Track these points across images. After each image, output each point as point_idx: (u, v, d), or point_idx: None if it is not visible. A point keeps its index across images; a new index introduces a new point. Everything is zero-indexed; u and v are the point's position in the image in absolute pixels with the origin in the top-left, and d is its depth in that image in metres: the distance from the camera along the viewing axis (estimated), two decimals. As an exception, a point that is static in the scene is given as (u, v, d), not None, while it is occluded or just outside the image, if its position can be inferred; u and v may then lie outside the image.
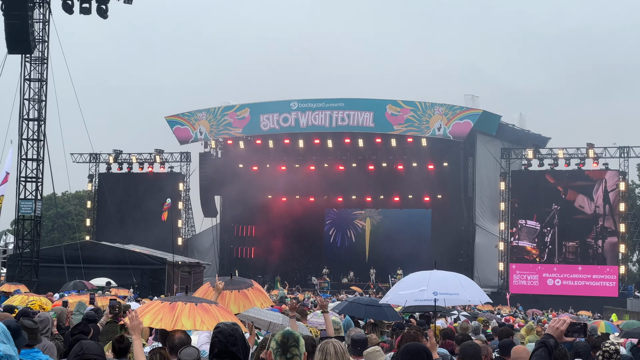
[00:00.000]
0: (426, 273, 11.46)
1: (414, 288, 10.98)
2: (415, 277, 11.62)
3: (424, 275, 11.36)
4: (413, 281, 11.39)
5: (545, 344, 5.57)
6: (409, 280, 11.65)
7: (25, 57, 38.31)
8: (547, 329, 5.69)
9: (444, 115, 57.09)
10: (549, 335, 5.62)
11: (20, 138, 38.15)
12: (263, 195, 63.90)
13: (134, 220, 60.31)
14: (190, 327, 8.70)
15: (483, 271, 57.82)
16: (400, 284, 11.61)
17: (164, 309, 8.87)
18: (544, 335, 5.69)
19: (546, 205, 57.06)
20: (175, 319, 8.67)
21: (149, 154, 65.99)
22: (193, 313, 8.78)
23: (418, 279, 11.36)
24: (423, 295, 10.90)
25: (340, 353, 6.92)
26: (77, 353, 5.71)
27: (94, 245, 45.57)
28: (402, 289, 11.31)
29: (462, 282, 11.10)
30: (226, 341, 6.85)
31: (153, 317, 8.79)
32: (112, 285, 33.81)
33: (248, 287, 12.40)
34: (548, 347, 5.56)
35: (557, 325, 5.62)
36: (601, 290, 53.05)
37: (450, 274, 11.60)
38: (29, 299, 20.17)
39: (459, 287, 10.82)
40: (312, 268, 62.63)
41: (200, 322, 8.69)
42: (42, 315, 12.35)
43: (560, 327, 5.61)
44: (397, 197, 63.84)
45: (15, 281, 32.60)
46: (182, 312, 8.78)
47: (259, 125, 62.32)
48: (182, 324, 8.64)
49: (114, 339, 9.96)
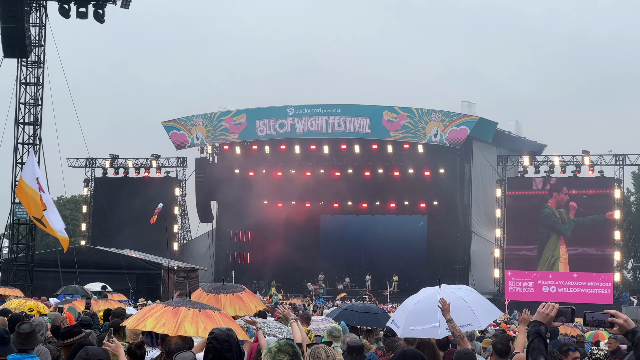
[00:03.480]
0: (433, 300, 10.36)
1: (426, 324, 10.31)
2: (424, 307, 10.68)
3: (433, 304, 10.27)
4: (423, 313, 10.57)
5: (539, 333, 5.43)
6: (419, 309, 10.81)
7: (22, 61, 38.30)
8: (535, 316, 5.52)
9: (441, 121, 57.14)
10: (539, 323, 5.49)
11: (16, 142, 38.12)
12: (259, 201, 63.87)
13: (130, 225, 60.18)
14: (193, 333, 8.66)
15: (479, 278, 57.81)
16: (410, 316, 10.77)
17: (167, 313, 8.82)
18: (533, 322, 5.52)
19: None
20: (179, 324, 8.61)
21: (146, 158, 65.99)
22: (196, 319, 8.73)
23: (428, 310, 10.48)
24: (436, 332, 10.21)
25: (331, 357, 6.91)
26: (82, 357, 5.68)
27: (89, 250, 45.53)
28: (413, 323, 10.58)
29: (472, 307, 10.41)
30: (221, 347, 6.83)
31: (156, 321, 8.73)
32: (107, 290, 33.78)
33: (241, 291, 12.52)
34: (542, 337, 5.43)
35: (547, 312, 5.48)
36: (596, 298, 52.99)
37: (457, 297, 10.65)
38: (26, 303, 20.11)
39: (470, 316, 10.23)
40: (308, 274, 62.57)
41: (204, 329, 8.64)
42: (36, 320, 12.34)
43: (550, 313, 5.46)
44: (393, 203, 63.86)
45: (9, 285, 32.56)
46: (186, 317, 8.72)
47: (255, 131, 62.36)
48: (184, 330, 8.59)
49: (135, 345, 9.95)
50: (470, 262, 58.82)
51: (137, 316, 9.37)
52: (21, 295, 26.63)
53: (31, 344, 9.32)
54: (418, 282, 38.32)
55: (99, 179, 66.03)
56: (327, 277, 63.27)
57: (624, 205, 60.43)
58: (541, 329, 5.47)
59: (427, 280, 52.40)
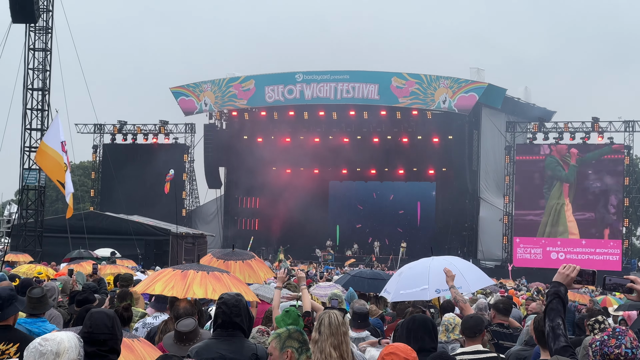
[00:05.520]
0: (425, 266, 11.00)
1: (415, 287, 10.61)
2: (415, 272, 11.13)
3: (423, 269, 10.87)
4: (413, 277, 10.90)
5: (558, 294, 5.34)
6: (409, 275, 11.18)
7: (30, 27, 38.15)
8: (556, 276, 5.41)
9: (449, 88, 56.97)
10: (559, 284, 5.38)
11: (25, 108, 38.07)
12: (267, 167, 63.83)
13: (138, 191, 60.27)
14: (201, 295, 8.71)
15: (487, 244, 57.93)
16: (401, 281, 11.15)
17: (176, 276, 8.87)
18: (552, 283, 5.41)
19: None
20: (187, 286, 8.66)
21: (154, 125, 65.96)
22: (205, 281, 8.78)
23: (418, 274, 10.92)
24: (425, 294, 10.52)
25: (334, 325, 6.90)
26: (87, 329, 5.61)
27: (98, 216, 45.57)
28: (403, 287, 10.92)
29: (461, 272, 10.74)
30: (230, 312, 6.87)
31: (165, 284, 8.78)
32: (116, 256, 33.87)
33: (251, 258, 12.59)
34: (561, 298, 5.34)
35: (567, 272, 5.38)
36: (604, 264, 53.02)
37: (448, 263, 10.77)
38: (35, 268, 20.19)
39: (460, 280, 10.56)
40: (316, 240, 62.65)
41: (212, 291, 8.70)
42: (48, 285, 12.42)
43: (571, 274, 5.37)
44: (401, 169, 63.79)
45: (19, 251, 32.67)
46: (194, 280, 8.77)
47: (263, 97, 62.29)
48: (193, 292, 8.64)
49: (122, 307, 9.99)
50: (479, 228, 58.85)
51: (146, 281, 9.43)
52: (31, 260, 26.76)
53: (42, 308, 9.37)
54: (426, 248, 38.35)
55: (108, 145, 66.05)
56: (334, 244, 63.39)
57: (633, 171, 60.30)
58: (561, 290, 5.37)
59: (435, 246, 52.58)
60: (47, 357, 4.78)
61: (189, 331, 7.77)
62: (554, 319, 5.32)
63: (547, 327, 5.33)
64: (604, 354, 4.80)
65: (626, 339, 4.82)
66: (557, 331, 5.27)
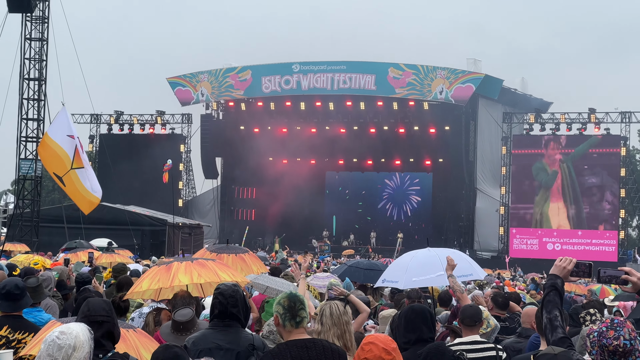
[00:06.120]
0: (431, 255, 10.93)
1: (430, 273, 10.51)
2: (423, 261, 10.99)
3: (431, 257, 10.79)
4: (424, 265, 10.78)
5: (555, 286, 5.38)
6: (418, 263, 11.09)
7: (26, 16, 38.11)
8: (552, 269, 5.46)
9: (446, 78, 56.98)
10: (556, 276, 5.43)
11: (21, 98, 38.05)
12: (264, 158, 63.81)
13: (135, 181, 60.21)
14: (187, 281, 8.78)
15: (483, 235, 57.96)
16: (411, 269, 11.02)
17: (161, 271, 9.01)
18: (549, 276, 5.47)
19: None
20: (172, 276, 8.78)
21: (150, 115, 65.89)
22: (189, 269, 8.91)
23: (428, 262, 10.79)
24: (443, 279, 10.29)
25: (336, 315, 6.91)
26: (84, 313, 5.73)
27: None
28: (415, 275, 10.79)
29: (468, 260, 10.90)
30: (227, 302, 6.88)
31: (151, 280, 8.90)
32: (114, 246, 33.86)
33: (244, 252, 12.71)
34: (558, 290, 5.39)
35: (564, 265, 5.43)
36: (601, 255, 53.10)
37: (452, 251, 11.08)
38: (32, 258, 20.19)
39: (469, 267, 10.59)
40: (313, 231, 62.70)
41: (198, 276, 8.80)
42: (44, 274, 12.42)
43: (567, 267, 5.42)
44: (398, 160, 63.83)
45: (15, 241, 32.67)
46: (179, 269, 8.90)
47: (260, 88, 62.25)
48: (179, 280, 8.74)
49: (118, 297, 10.02)
50: (475, 219, 58.87)
51: (134, 285, 9.57)
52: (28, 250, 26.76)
53: (38, 297, 9.40)
54: (423, 239, 38.38)
55: (104, 135, 65.99)
56: (331, 234, 63.44)
57: (630, 162, 60.33)
58: (557, 282, 5.42)
59: (432, 237, 52.60)
60: (66, 350, 4.86)
61: (186, 321, 7.78)
62: (551, 311, 5.35)
63: (544, 319, 5.36)
64: (603, 345, 4.80)
65: (624, 330, 4.82)
66: (555, 323, 5.30)
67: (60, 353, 4.83)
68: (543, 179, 56.34)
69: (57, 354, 4.83)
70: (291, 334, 6.04)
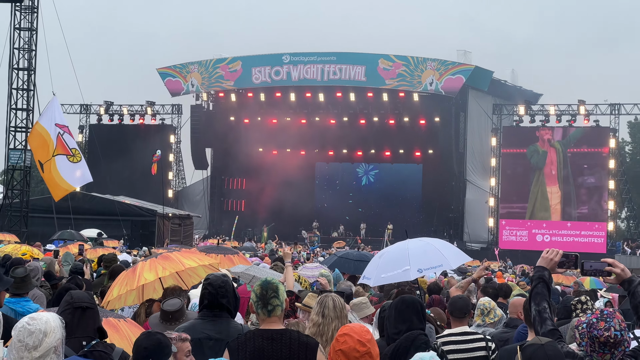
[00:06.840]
0: (403, 248, 10.96)
1: (397, 269, 10.52)
2: (393, 256, 11.02)
3: (402, 251, 10.83)
4: (393, 260, 10.72)
5: (542, 278, 5.41)
6: (388, 259, 11.04)
7: (15, 6, 37.89)
8: (539, 261, 5.48)
9: (436, 70, 56.99)
10: (543, 268, 5.45)
11: (10, 88, 37.86)
12: (254, 148, 63.81)
13: (125, 171, 60.11)
14: (152, 277, 8.84)
15: (473, 227, 58.04)
16: (380, 266, 11.05)
17: (127, 274, 9.09)
18: (536, 268, 5.49)
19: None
20: (138, 276, 8.85)
21: (140, 105, 65.76)
22: (154, 265, 8.95)
23: (397, 257, 10.81)
24: (408, 275, 10.34)
25: (338, 308, 6.93)
26: (68, 302, 5.74)
27: (84, 197, 45.40)
28: (384, 271, 10.78)
29: (440, 250, 10.77)
30: (216, 293, 6.86)
31: (119, 285, 8.94)
32: (103, 237, 33.81)
33: (234, 254, 12.85)
34: (546, 282, 5.41)
35: (551, 257, 5.45)
36: (590, 247, 53.20)
37: (425, 243, 11.19)
38: (20, 248, 20.17)
39: (440, 257, 10.54)
40: (302, 221, 62.68)
41: (162, 269, 8.86)
42: (32, 265, 12.39)
43: (554, 259, 5.44)
44: (388, 151, 63.87)
45: (4, 231, 32.58)
46: (143, 268, 8.97)
47: (250, 78, 62.20)
48: (144, 278, 8.79)
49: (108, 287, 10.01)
50: (465, 210, 58.97)
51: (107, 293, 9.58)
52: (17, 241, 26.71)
53: (25, 288, 9.37)
54: (413, 230, 38.43)
55: (94, 126, 65.81)
56: (321, 225, 63.44)
57: (619, 154, 60.44)
58: (545, 274, 5.44)
59: (422, 228, 52.69)
60: (36, 335, 4.81)
61: (175, 310, 7.79)
62: (539, 303, 5.36)
63: (533, 311, 5.37)
64: (593, 336, 4.80)
65: (614, 321, 4.82)
66: (544, 315, 5.31)
67: (32, 338, 4.79)
68: (535, 160, 56.25)
69: (28, 339, 4.79)
70: (264, 322, 6.08)
